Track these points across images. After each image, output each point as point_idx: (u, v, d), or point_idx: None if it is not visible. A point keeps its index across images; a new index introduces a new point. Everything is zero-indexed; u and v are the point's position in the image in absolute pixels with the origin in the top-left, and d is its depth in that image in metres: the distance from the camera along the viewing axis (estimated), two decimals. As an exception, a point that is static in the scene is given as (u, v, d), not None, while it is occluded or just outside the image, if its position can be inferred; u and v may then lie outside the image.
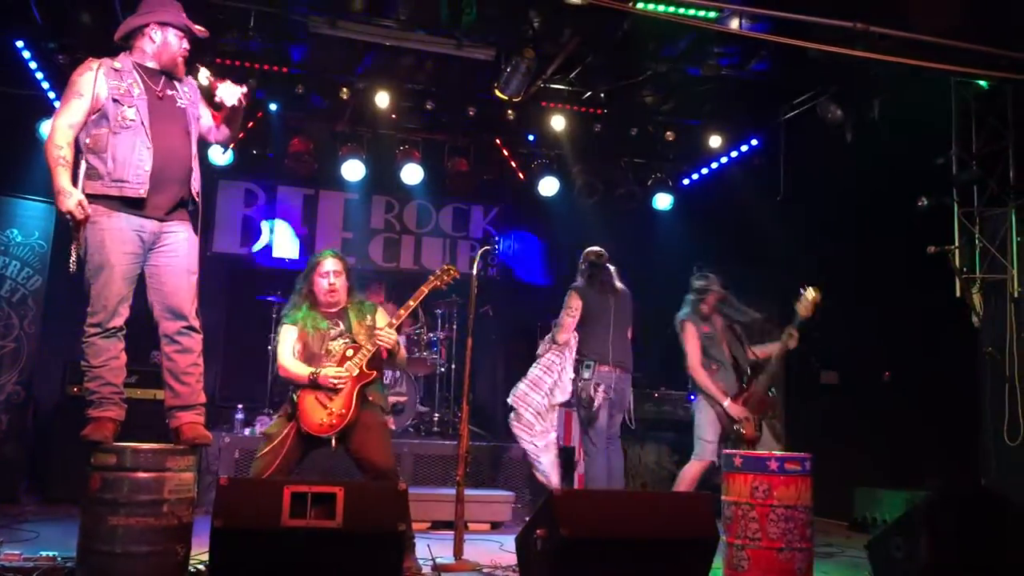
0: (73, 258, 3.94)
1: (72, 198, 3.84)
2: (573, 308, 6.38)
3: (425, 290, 4.81)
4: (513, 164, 8.85)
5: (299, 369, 4.65)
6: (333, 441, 4.59)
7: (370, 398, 4.68)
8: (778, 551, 4.49)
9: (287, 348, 4.74)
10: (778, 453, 5.03)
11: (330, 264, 4.81)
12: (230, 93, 4.31)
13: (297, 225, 9.27)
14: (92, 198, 3.91)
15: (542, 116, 8.03)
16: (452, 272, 4.93)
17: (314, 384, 4.58)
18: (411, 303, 4.78)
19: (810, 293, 6.04)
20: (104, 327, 3.95)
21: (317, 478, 4.78)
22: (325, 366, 4.63)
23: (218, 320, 8.14)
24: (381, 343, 4.65)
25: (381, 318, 4.88)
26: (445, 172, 8.61)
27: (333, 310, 4.83)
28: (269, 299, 7.94)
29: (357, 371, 4.60)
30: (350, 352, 4.66)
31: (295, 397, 4.64)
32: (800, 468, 4.62)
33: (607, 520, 4.04)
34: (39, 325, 6.92)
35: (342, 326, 4.79)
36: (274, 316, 7.97)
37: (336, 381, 4.56)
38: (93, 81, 3.98)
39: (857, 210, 7.32)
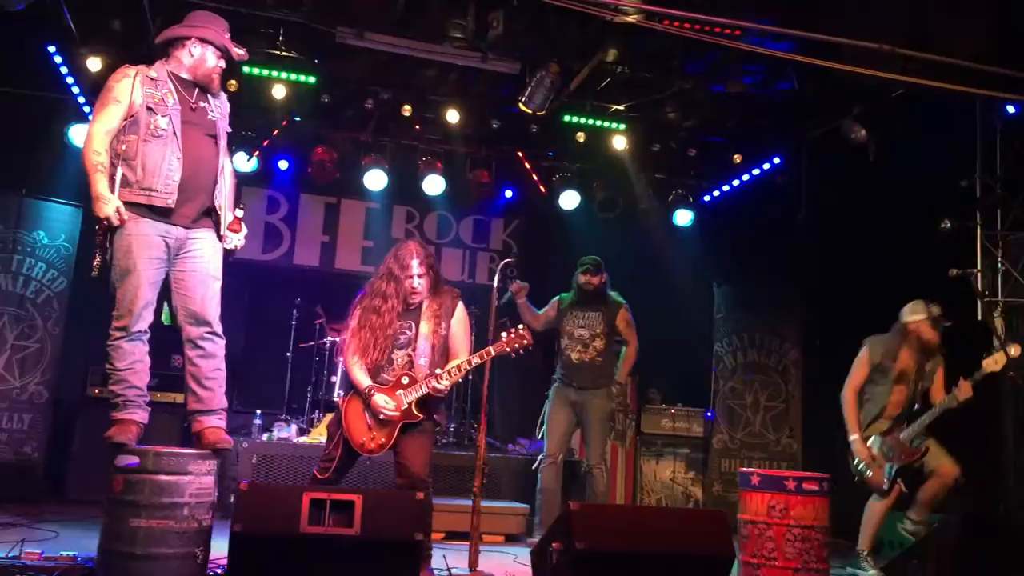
0: (96, 262, 3.98)
1: (110, 204, 3.89)
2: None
3: (493, 352, 4.70)
4: (534, 177, 8.87)
5: (360, 378, 4.67)
6: (368, 461, 4.69)
7: (435, 416, 4.75)
8: (794, 571, 4.48)
9: (354, 344, 4.74)
10: (796, 472, 5.01)
11: (415, 266, 4.73)
12: (235, 239, 4.29)
13: (318, 233, 9.32)
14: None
15: (565, 130, 8.07)
16: (526, 340, 4.72)
17: (366, 400, 4.63)
18: (475, 360, 4.68)
19: (1014, 348, 5.49)
20: (129, 331, 4.00)
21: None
22: (382, 379, 4.66)
23: (238, 326, 8.20)
24: (434, 389, 4.61)
25: (459, 321, 4.81)
26: (466, 184, 8.65)
27: (412, 302, 4.78)
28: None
29: (406, 407, 4.61)
30: (405, 380, 4.63)
31: (342, 405, 4.72)
32: (818, 488, 4.60)
33: (623, 535, 4.04)
34: (63, 327, 7.00)
35: (412, 330, 4.74)
36: (294, 323, 8.02)
37: (384, 415, 4.59)
38: (131, 88, 4.04)
39: (878, 231, 7.30)
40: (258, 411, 7.41)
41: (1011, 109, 6.33)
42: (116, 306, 4.02)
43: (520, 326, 4.84)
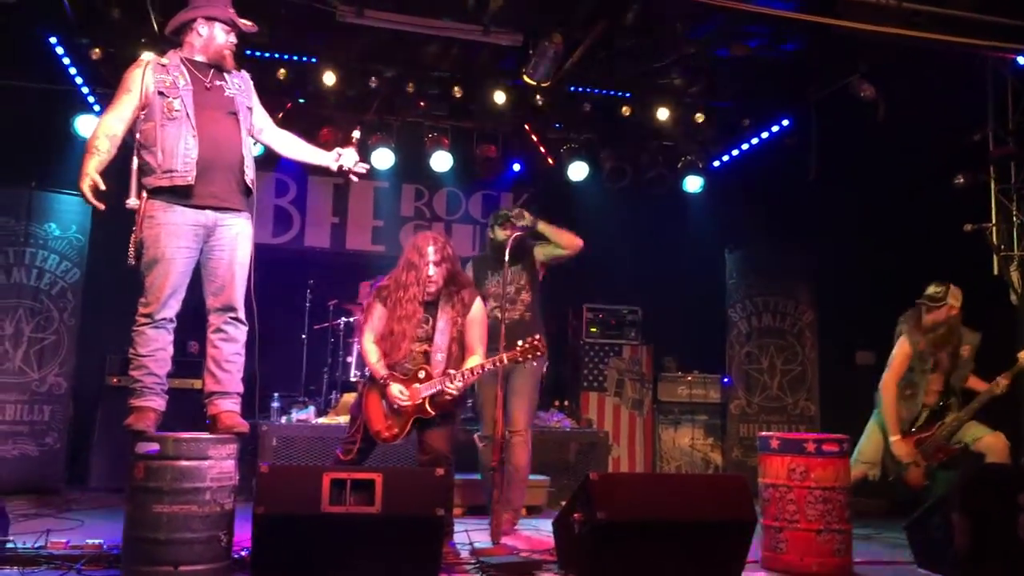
0: (132, 251, 4.04)
1: (85, 180, 3.94)
2: None
3: (505, 360, 4.71)
4: (542, 149, 8.83)
5: (376, 364, 4.73)
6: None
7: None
8: (816, 532, 4.48)
9: (371, 329, 4.79)
10: (815, 434, 4.98)
11: (431, 254, 4.73)
12: (349, 159, 4.48)
13: (328, 214, 9.31)
14: (150, 193, 4.03)
15: (570, 101, 8.01)
16: (539, 352, 4.73)
17: (382, 388, 4.67)
18: (488, 366, 4.70)
19: None
20: (154, 318, 4.05)
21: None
22: (401, 367, 4.68)
23: (252, 309, 8.19)
24: (446, 388, 4.62)
25: (475, 319, 4.82)
26: (474, 159, 8.61)
27: (429, 292, 4.77)
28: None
29: (420, 401, 4.64)
30: (422, 374, 4.67)
31: (363, 390, 4.79)
32: (838, 450, 4.60)
33: (644, 503, 4.05)
34: (78, 317, 7.02)
35: (429, 323, 4.76)
36: (307, 305, 8.03)
37: (397, 404, 4.64)
38: (141, 77, 4.09)
39: (891, 189, 7.25)
40: (276, 394, 7.43)
41: (1021, 60, 6.24)
42: (144, 292, 4.07)
43: (537, 336, 4.80)
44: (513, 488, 5.31)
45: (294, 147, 4.60)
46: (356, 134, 4.57)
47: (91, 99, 7.41)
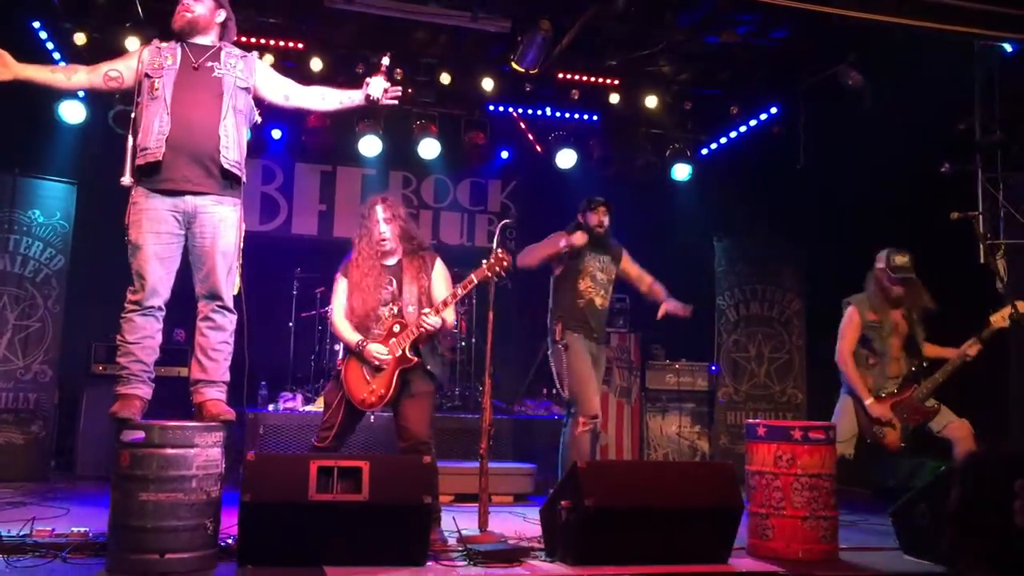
0: (127, 236, 4.08)
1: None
2: None
3: (475, 279, 4.65)
4: (530, 137, 8.81)
5: (348, 335, 4.71)
6: (372, 417, 4.66)
7: (428, 367, 4.71)
8: (803, 520, 4.49)
9: (339, 306, 4.78)
10: (801, 422, 5.00)
11: (379, 212, 4.72)
12: (377, 87, 4.41)
13: (315, 202, 9.27)
14: (135, 177, 4.06)
15: (559, 88, 7.99)
16: (505, 263, 4.63)
17: (359, 355, 4.64)
18: (459, 291, 4.67)
19: (1021, 304, 5.38)
20: (143, 305, 4.04)
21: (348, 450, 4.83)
22: (373, 334, 4.66)
23: (240, 296, 8.15)
24: (423, 327, 4.60)
25: (439, 274, 4.79)
26: (462, 146, 8.59)
27: (388, 262, 4.77)
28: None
29: (400, 352, 4.62)
30: (397, 328, 4.65)
31: (341, 367, 4.74)
32: (824, 437, 4.61)
33: (631, 490, 4.07)
34: (63, 305, 6.98)
35: (394, 285, 4.73)
36: (294, 293, 8.00)
37: (378, 360, 4.61)
38: (138, 55, 4.17)
39: (878, 177, 7.25)
40: (263, 382, 7.41)
41: (1008, 48, 6.24)
42: (132, 280, 4.08)
43: (499, 250, 4.68)
44: None
45: (326, 98, 4.54)
46: (386, 60, 4.44)
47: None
